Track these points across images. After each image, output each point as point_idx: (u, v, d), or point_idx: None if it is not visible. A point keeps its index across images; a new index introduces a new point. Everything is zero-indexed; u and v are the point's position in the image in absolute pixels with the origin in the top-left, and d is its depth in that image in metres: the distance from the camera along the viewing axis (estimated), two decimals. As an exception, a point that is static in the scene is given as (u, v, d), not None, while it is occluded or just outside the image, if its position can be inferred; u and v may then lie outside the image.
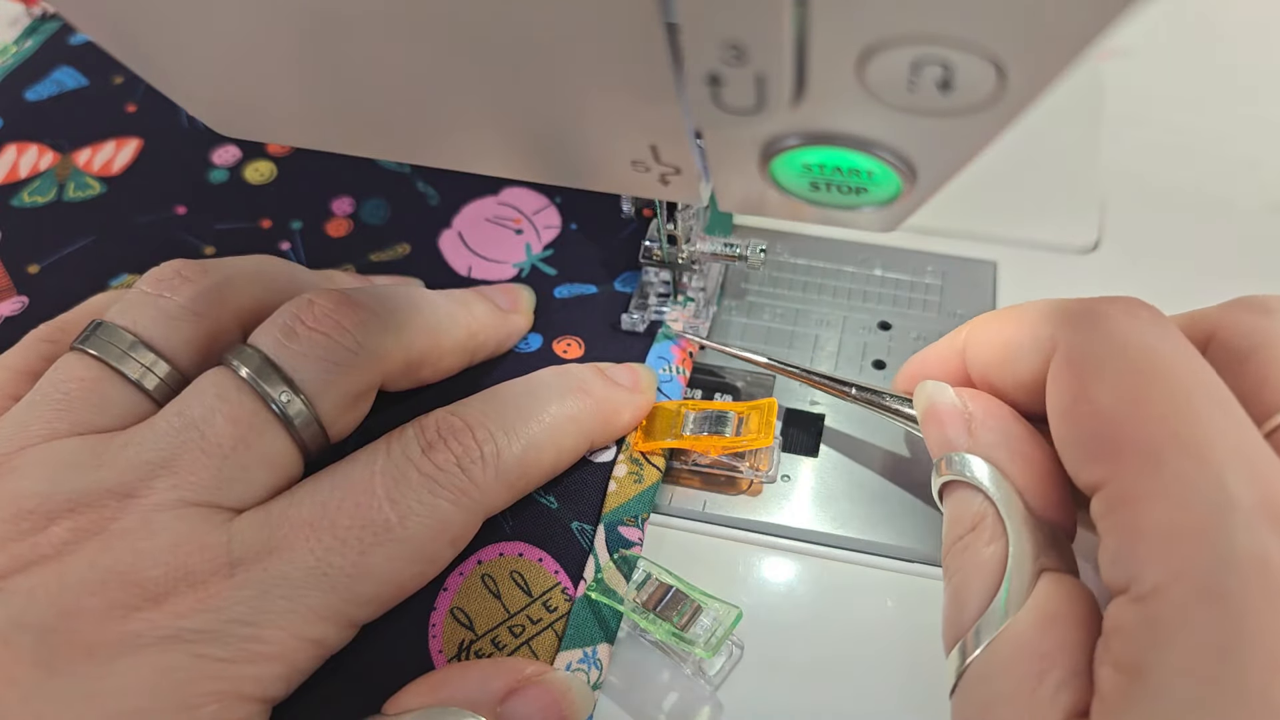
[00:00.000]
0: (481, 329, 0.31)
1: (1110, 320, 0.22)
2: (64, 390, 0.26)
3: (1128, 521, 0.19)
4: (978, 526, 0.23)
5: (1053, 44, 0.14)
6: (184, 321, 0.27)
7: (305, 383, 0.26)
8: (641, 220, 0.33)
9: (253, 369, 0.25)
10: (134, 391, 0.26)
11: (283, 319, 0.27)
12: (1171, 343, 0.22)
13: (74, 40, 0.45)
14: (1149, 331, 0.22)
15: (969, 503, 0.24)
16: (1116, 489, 0.20)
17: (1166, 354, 0.21)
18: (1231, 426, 0.20)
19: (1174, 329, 0.22)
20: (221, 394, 0.25)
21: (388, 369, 0.28)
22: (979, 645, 0.21)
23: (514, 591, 0.27)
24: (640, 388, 0.30)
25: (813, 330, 0.35)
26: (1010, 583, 0.22)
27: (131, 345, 0.26)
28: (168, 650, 0.21)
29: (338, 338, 0.27)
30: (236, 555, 0.23)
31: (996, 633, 0.21)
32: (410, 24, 0.17)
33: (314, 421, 0.26)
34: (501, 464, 0.26)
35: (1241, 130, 0.42)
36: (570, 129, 0.20)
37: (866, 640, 0.27)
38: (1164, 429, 0.20)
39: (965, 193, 0.34)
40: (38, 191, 0.38)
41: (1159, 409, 0.20)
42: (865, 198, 0.20)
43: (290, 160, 0.40)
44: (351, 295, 0.28)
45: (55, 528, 0.23)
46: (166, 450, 0.24)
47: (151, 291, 0.28)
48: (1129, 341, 0.22)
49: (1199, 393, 0.20)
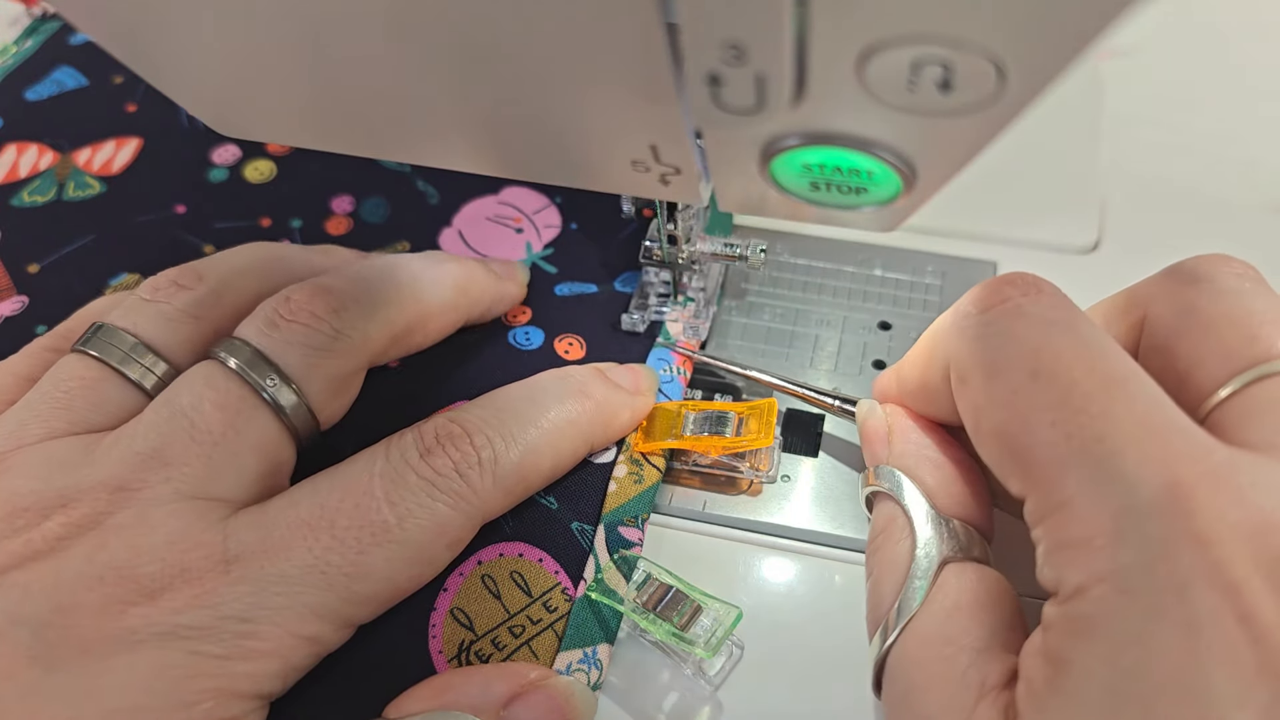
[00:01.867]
0: (472, 284, 0.32)
1: (994, 325, 0.22)
2: (64, 389, 0.26)
3: (1050, 534, 0.20)
4: (888, 528, 0.25)
5: (1053, 44, 0.14)
6: (182, 324, 0.28)
7: (290, 368, 0.26)
8: (641, 220, 0.33)
9: (240, 359, 0.26)
10: (133, 391, 0.26)
11: (263, 313, 0.27)
12: (1060, 331, 0.21)
13: (74, 40, 0.45)
14: (1033, 327, 0.21)
15: (883, 508, 0.26)
16: (1034, 503, 0.20)
17: (1053, 348, 0.21)
18: (1128, 410, 0.19)
19: (1066, 310, 0.22)
20: (209, 382, 0.25)
21: (372, 349, 0.28)
22: (888, 637, 0.23)
23: (514, 592, 0.27)
24: (641, 389, 0.30)
25: (813, 330, 0.35)
26: (914, 578, 0.23)
27: (132, 347, 0.27)
28: (164, 646, 0.21)
29: (316, 326, 0.27)
30: (233, 552, 0.23)
31: (904, 624, 0.22)
32: (410, 23, 0.17)
33: (303, 407, 0.26)
34: (499, 470, 0.26)
35: (1241, 130, 0.42)
36: (570, 129, 0.20)
37: (866, 640, 0.27)
38: (1058, 434, 0.20)
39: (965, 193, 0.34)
40: (38, 191, 0.38)
41: (1049, 415, 0.20)
42: (865, 198, 0.20)
43: (290, 159, 0.40)
44: (326, 284, 0.28)
45: (49, 523, 0.23)
46: (156, 440, 0.24)
47: (149, 298, 0.28)
48: (1011, 348, 0.21)
49: (1092, 382, 0.20)
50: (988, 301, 0.23)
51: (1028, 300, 0.22)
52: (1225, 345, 0.22)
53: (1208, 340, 0.22)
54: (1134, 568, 0.18)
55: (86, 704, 0.21)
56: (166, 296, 0.28)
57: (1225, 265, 0.23)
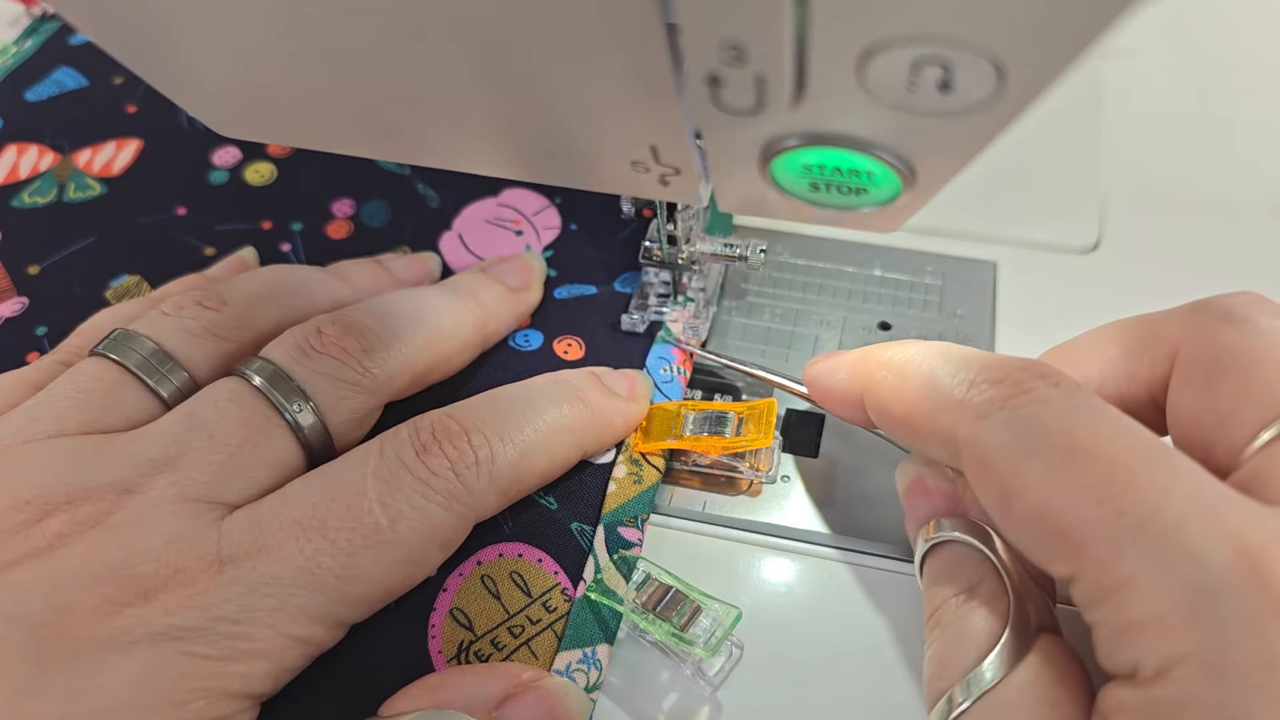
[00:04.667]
0: (492, 318, 0.32)
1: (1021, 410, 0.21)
2: (80, 389, 0.26)
3: (1113, 616, 0.19)
4: (977, 584, 0.23)
5: (1053, 44, 0.14)
6: (205, 340, 0.28)
7: (318, 396, 0.26)
8: (641, 220, 0.33)
9: (266, 378, 0.26)
10: (150, 397, 0.27)
11: (293, 339, 0.27)
12: (1091, 412, 0.20)
13: (74, 40, 0.45)
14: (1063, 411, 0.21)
15: (964, 561, 0.24)
16: (1089, 584, 0.19)
17: (1089, 427, 0.20)
18: (1178, 482, 0.19)
19: (1089, 396, 0.21)
20: (234, 398, 0.26)
21: (395, 388, 0.29)
22: (968, 697, 0.21)
23: (513, 592, 0.27)
24: (636, 396, 0.31)
25: (813, 330, 0.35)
26: (1009, 639, 0.22)
27: (153, 353, 0.27)
28: (157, 647, 0.22)
29: (346, 361, 0.27)
30: (226, 553, 0.23)
31: (993, 683, 0.21)
32: (410, 24, 0.17)
33: (324, 433, 0.27)
34: (495, 470, 0.26)
35: (1241, 130, 0.42)
36: (570, 129, 0.20)
37: (867, 640, 0.27)
38: (1106, 511, 0.19)
39: (965, 193, 0.34)
40: (38, 192, 0.38)
41: (1094, 492, 0.19)
42: (865, 198, 0.20)
43: (290, 161, 0.40)
44: (358, 321, 0.28)
45: (51, 520, 0.23)
46: (173, 448, 0.24)
47: (171, 313, 0.28)
48: (1043, 428, 0.20)
49: (1132, 459, 0.19)
50: (1010, 389, 0.21)
51: (1053, 388, 0.21)
52: (1269, 388, 0.21)
53: (1249, 382, 0.21)
54: (1217, 645, 0.17)
55: (78, 703, 0.21)
56: (192, 314, 0.28)
57: (1260, 305, 0.23)
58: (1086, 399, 0.21)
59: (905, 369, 0.24)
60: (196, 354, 0.28)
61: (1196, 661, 0.17)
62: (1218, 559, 0.18)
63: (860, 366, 0.26)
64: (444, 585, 0.27)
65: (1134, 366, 0.24)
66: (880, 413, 0.25)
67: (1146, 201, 0.39)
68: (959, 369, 0.23)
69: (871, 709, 0.26)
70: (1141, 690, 0.18)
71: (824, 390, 0.28)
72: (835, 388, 0.27)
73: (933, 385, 0.23)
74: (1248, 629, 0.17)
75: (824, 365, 0.28)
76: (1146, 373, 0.24)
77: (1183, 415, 0.23)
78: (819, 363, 0.28)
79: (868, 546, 0.29)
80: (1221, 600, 0.17)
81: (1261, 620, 0.17)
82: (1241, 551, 0.18)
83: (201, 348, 0.28)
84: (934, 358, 0.24)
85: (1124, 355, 0.25)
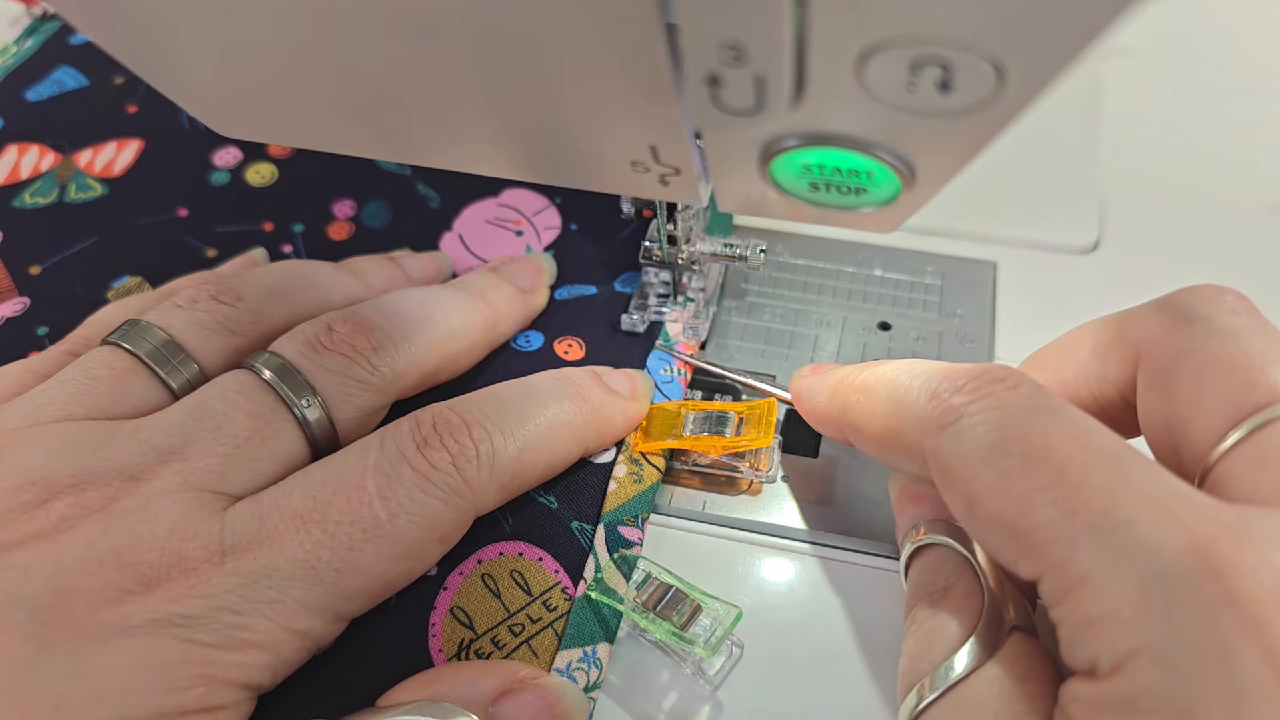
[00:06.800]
0: (501, 319, 0.32)
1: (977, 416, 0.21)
2: (91, 375, 0.26)
3: (1073, 613, 0.19)
4: (953, 583, 0.24)
5: (1053, 44, 0.14)
6: (217, 333, 0.28)
7: (326, 393, 0.27)
8: (641, 220, 0.33)
9: (275, 371, 0.26)
10: (159, 388, 0.27)
11: (304, 335, 0.28)
12: (1046, 414, 0.21)
13: (74, 40, 0.45)
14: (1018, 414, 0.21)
15: (943, 562, 0.24)
16: (1050, 585, 0.20)
17: (1041, 430, 0.20)
18: (1130, 479, 0.19)
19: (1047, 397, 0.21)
20: (243, 390, 0.26)
21: (402, 386, 0.29)
22: (935, 690, 0.22)
23: (514, 591, 0.27)
24: (637, 395, 0.31)
25: (813, 330, 0.35)
26: (979, 636, 0.22)
27: (164, 343, 0.27)
28: (157, 634, 0.22)
29: (355, 359, 0.27)
30: (228, 544, 0.23)
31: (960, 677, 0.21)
32: (411, 25, 0.18)
33: (330, 428, 0.27)
34: (496, 464, 0.26)
35: (1241, 130, 0.43)
36: (570, 129, 0.20)
37: (866, 640, 0.27)
38: (1060, 512, 0.19)
39: (965, 193, 0.34)
40: (39, 193, 0.38)
41: (1049, 495, 0.19)
42: (865, 198, 0.20)
43: (291, 162, 0.40)
44: (369, 320, 0.28)
45: (57, 503, 0.23)
46: (179, 437, 0.25)
47: (185, 306, 0.28)
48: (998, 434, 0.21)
49: (1086, 458, 0.20)
50: (967, 395, 0.22)
51: (1009, 391, 0.21)
52: (1225, 391, 0.21)
53: (1207, 385, 0.21)
54: (1169, 636, 0.17)
55: (77, 683, 0.21)
56: (206, 308, 0.28)
57: (1220, 300, 0.23)
58: (1044, 400, 0.21)
59: (874, 390, 0.25)
60: (208, 347, 0.28)
61: (1150, 654, 0.18)
62: (1169, 552, 0.18)
63: (837, 391, 0.27)
64: (444, 584, 0.27)
65: (1103, 368, 0.25)
66: (856, 436, 0.26)
67: (1146, 201, 0.39)
68: (923, 383, 0.23)
69: (871, 708, 0.26)
70: (1099, 684, 0.19)
71: (807, 411, 0.29)
72: (816, 410, 0.28)
73: (897, 402, 0.24)
74: (1199, 619, 0.17)
75: (806, 384, 0.29)
76: (1115, 374, 0.24)
77: (1149, 418, 0.23)
78: (803, 379, 0.29)
79: (867, 546, 0.29)
80: (1173, 592, 0.18)
81: (1213, 610, 0.17)
82: (1193, 543, 0.18)
83: (213, 341, 0.28)
84: (900, 375, 0.24)
85: (1094, 357, 0.25)
